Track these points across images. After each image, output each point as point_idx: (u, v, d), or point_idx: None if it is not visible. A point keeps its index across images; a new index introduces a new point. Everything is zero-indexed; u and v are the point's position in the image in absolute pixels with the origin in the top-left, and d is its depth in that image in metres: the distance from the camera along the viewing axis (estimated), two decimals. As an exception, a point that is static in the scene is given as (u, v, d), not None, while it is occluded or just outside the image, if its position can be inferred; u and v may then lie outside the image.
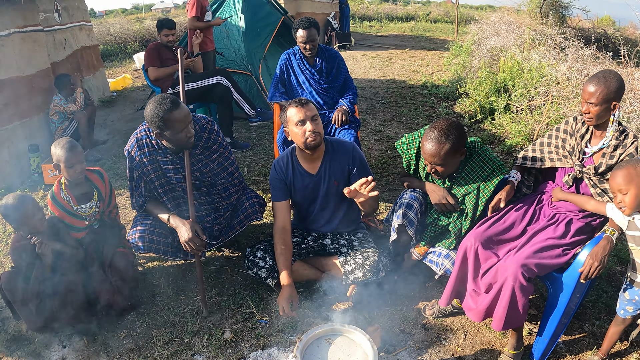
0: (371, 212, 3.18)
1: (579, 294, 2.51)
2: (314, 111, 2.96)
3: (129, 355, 2.80)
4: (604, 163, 2.61)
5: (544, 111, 6.03)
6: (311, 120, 2.91)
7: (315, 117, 2.94)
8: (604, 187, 2.65)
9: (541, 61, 7.24)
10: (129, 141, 3.24)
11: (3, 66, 5.20)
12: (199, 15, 6.29)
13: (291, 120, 2.95)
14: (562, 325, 2.57)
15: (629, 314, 2.53)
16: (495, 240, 2.68)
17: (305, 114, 2.91)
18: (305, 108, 2.93)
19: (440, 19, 24.99)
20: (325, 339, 2.50)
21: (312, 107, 2.97)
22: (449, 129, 2.74)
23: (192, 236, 3.01)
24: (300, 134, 2.93)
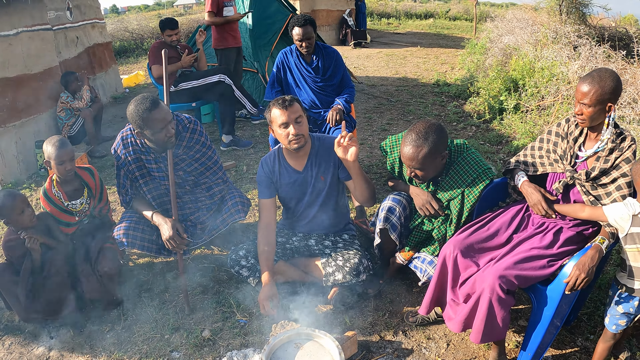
0: (364, 200, 3.02)
1: (565, 308, 2.39)
2: (298, 112, 2.88)
3: (110, 349, 2.87)
4: (598, 167, 2.45)
5: (553, 111, 5.91)
6: (295, 123, 2.86)
7: (299, 118, 2.88)
8: (597, 193, 2.48)
9: (554, 59, 7.09)
10: (115, 140, 3.28)
11: (11, 64, 5.31)
12: (214, 11, 6.20)
13: (275, 121, 2.90)
14: (547, 340, 2.43)
15: (621, 328, 2.41)
16: (477, 248, 2.56)
17: (289, 116, 2.85)
18: (289, 110, 2.85)
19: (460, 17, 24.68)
20: (294, 343, 2.47)
21: (295, 108, 2.89)
22: (427, 131, 2.61)
23: (173, 234, 3.05)
24: (283, 135, 2.90)
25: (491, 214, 2.78)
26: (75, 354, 2.86)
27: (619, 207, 2.30)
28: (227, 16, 6.24)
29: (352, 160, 2.75)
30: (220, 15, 6.24)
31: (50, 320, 3.05)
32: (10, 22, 5.27)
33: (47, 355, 2.87)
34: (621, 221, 2.29)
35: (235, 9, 6.39)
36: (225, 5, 6.25)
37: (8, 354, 2.90)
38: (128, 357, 2.80)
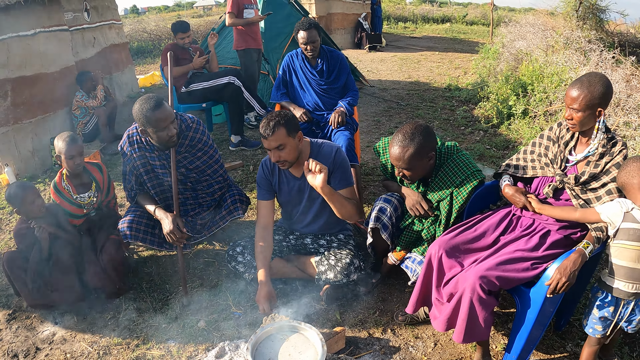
0: (347, 216, 3.05)
1: (549, 311, 2.38)
2: (279, 141, 2.84)
3: (110, 335, 3.03)
4: (587, 172, 2.45)
5: (560, 117, 5.93)
6: (275, 150, 2.87)
7: (281, 146, 2.86)
8: (587, 197, 2.48)
9: (564, 65, 7.09)
10: (122, 137, 3.42)
11: (28, 64, 5.49)
12: (235, 12, 6.28)
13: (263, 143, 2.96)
14: (530, 343, 2.43)
15: (598, 333, 2.40)
16: (463, 249, 2.58)
17: (269, 144, 2.86)
18: (269, 139, 2.84)
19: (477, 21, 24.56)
20: (281, 335, 2.57)
21: (275, 137, 2.83)
22: (413, 132, 2.68)
23: (174, 228, 3.19)
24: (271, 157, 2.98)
25: (480, 216, 2.81)
26: (77, 339, 3.02)
27: (612, 205, 2.30)
28: (247, 18, 6.32)
29: (320, 186, 2.80)
30: (240, 17, 6.33)
31: (55, 307, 3.21)
32: (28, 23, 5.46)
33: (51, 340, 3.03)
34: (613, 216, 2.28)
35: (256, 12, 6.46)
36: (245, 7, 6.34)
37: (15, 337, 3.06)
38: (126, 343, 2.95)
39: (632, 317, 2.34)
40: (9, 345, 2.99)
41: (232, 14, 6.28)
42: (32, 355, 2.91)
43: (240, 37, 6.43)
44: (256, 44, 6.56)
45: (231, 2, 6.26)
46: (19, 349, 2.95)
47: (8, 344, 3.00)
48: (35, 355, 2.91)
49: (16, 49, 5.33)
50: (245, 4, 6.32)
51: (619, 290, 2.29)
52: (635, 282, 2.25)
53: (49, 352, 2.93)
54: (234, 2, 6.24)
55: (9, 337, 3.06)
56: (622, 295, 2.29)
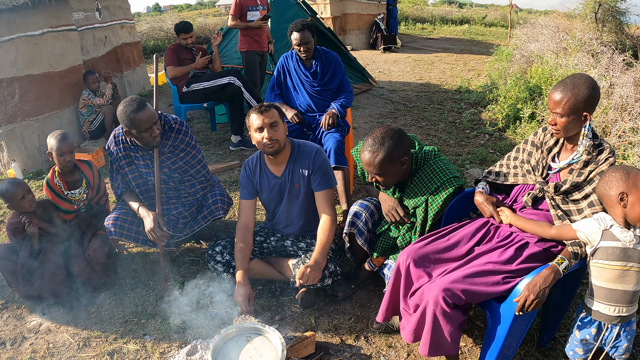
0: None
1: (521, 328, 2.28)
2: (274, 117, 2.96)
3: (92, 327, 3.14)
4: (570, 180, 2.32)
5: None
6: (269, 127, 2.94)
7: (275, 123, 2.96)
8: (567, 208, 2.36)
9: (574, 68, 6.98)
10: (110, 137, 3.49)
11: (36, 62, 5.62)
12: (237, 15, 6.32)
13: (252, 125, 3.00)
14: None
15: (578, 357, 2.29)
16: (433, 259, 2.48)
17: (264, 121, 2.93)
18: (265, 115, 2.94)
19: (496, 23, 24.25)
20: (245, 336, 2.59)
21: (272, 113, 2.97)
22: (384, 137, 2.62)
23: (154, 227, 3.26)
24: (259, 140, 2.99)
25: (456, 224, 2.70)
26: (61, 330, 3.14)
27: (589, 222, 2.18)
28: (249, 21, 6.34)
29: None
30: (244, 19, 6.36)
31: (44, 299, 3.33)
32: (36, 23, 5.58)
33: (37, 329, 3.15)
34: (591, 235, 2.15)
35: (262, 12, 6.45)
36: (249, 9, 6.35)
37: (4, 325, 3.20)
38: (105, 336, 3.05)
39: (618, 342, 2.20)
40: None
41: (234, 17, 6.33)
42: (19, 344, 3.03)
43: (242, 39, 6.47)
44: (259, 47, 6.56)
45: (234, 4, 6.30)
46: (7, 337, 3.09)
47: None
48: (22, 344, 3.03)
49: (24, 49, 5.46)
50: (249, 5, 6.34)
51: (599, 313, 2.17)
52: (616, 305, 2.12)
53: (34, 341, 3.05)
54: (236, 5, 6.28)
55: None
56: (603, 318, 2.17)
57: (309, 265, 2.87)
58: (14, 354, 2.95)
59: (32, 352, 2.95)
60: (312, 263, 2.89)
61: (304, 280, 2.81)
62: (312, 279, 2.84)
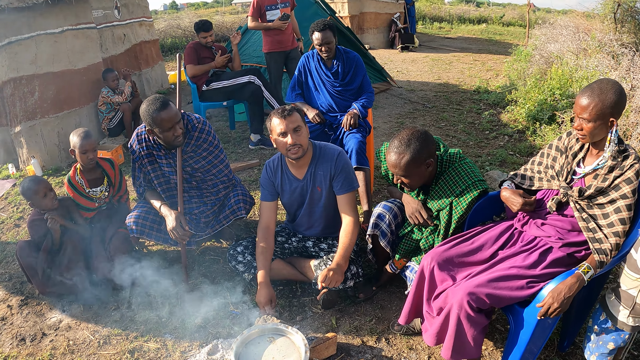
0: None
1: (544, 333, 2.26)
2: (297, 122, 2.92)
3: (112, 325, 3.15)
4: (594, 185, 2.28)
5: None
6: (293, 132, 2.90)
7: (298, 128, 2.92)
8: (593, 212, 2.32)
9: (594, 69, 6.88)
10: (132, 136, 3.49)
11: (56, 60, 5.67)
12: (255, 16, 6.26)
13: (274, 130, 2.96)
14: None
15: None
16: (457, 262, 2.47)
17: (287, 126, 2.89)
18: (287, 120, 2.89)
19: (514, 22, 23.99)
20: (268, 337, 2.58)
21: (295, 117, 2.93)
22: (409, 138, 2.60)
23: (176, 226, 3.26)
24: (282, 144, 2.96)
25: (480, 228, 2.68)
26: (81, 327, 3.15)
27: None
28: (269, 21, 6.25)
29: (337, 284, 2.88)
30: (263, 19, 6.29)
31: (64, 295, 3.35)
32: (56, 21, 5.63)
33: (57, 326, 3.17)
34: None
35: (283, 10, 6.32)
36: (267, 8, 6.26)
37: (24, 321, 3.23)
38: (126, 334, 3.05)
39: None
40: (18, 329, 3.15)
41: (253, 18, 6.27)
42: (38, 340, 3.05)
43: (265, 40, 6.41)
44: (281, 47, 6.42)
45: (252, 5, 6.25)
46: (26, 333, 3.11)
47: (17, 327, 3.17)
48: (41, 340, 3.05)
49: (44, 46, 5.51)
50: (267, 5, 6.26)
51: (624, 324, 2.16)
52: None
53: (53, 337, 3.07)
54: (254, 6, 6.22)
55: (19, 322, 3.22)
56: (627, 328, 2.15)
57: (331, 268, 2.85)
58: (34, 350, 2.97)
59: (52, 348, 2.97)
60: (334, 266, 2.87)
61: (326, 283, 2.80)
62: (335, 282, 2.83)
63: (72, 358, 2.89)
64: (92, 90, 6.31)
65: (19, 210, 4.80)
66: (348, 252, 2.97)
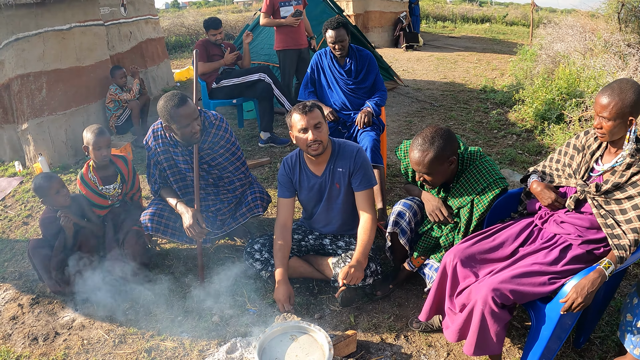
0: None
1: (565, 329, 2.28)
2: (318, 118, 2.92)
3: (127, 324, 3.11)
4: (611, 181, 2.32)
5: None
6: (314, 129, 2.89)
7: (319, 124, 2.91)
8: (610, 208, 2.34)
9: (601, 69, 6.86)
10: (148, 132, 3.47)
11: (64, 57, 5.64)
12: (268, 12, 6.21)
13: (294, 126, 2.95)
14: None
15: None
16: (479, 259, 2.50)
17: (308, 122, 2.88)
18: (309, 116, 2.88)
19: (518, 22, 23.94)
20: (290, 335, 2.56)
21: (315, 114, 2.92)
22: (433, 136, 2.61)
23: (193, 223, 3.23)
24: (302, 141, 2.95)
25: (500, 225, 2.71)
26: (95, 326, 3.11)
27: None
28: (282, 18, 6.21)
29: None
30: (277, 16, 6.24)
31: (77, 294, 3.29)
32: (64, 18, 5.60)
33: (70, 325, 3.13)
34: None
35: (296, 7, 6.27)
36: (281, 5, 6.22)
37: (36, 320, 3.18)
38: (141, 333, 3.02)
39: None
40: (30, 329, 3.11)
41: (266, 14, 6.22)
42: (51, 340, 3.01)
43: (277, 37, 6.36)
44: (295, 44, 6.39)
45: (265, 1, 6.21)
46: (39, 333, 3.07)
47: (29, 327, 3.13)
48: (54, 340, 3.01)
49: (52, 43, 5.47)
50: (281, 1, 6.23)
51: None
52: None
53: (67, 337, 3.03)
54: (268, 2, 6.18)
55: (30, 321, 3.18)
56: None
57: (352, 265, 2.84)
58: (47, 349, 2.93)
59: (65, 348, 2.93)
60: (354, 263, 2.86)
61: (347, 280, 2.79)
62: (356, 279, 2.82)
63: (87, 357, 2.85)
64: (100, 87, 6.28)
65: (27, 208, 4.77)
66: (367, 249, 2.96)
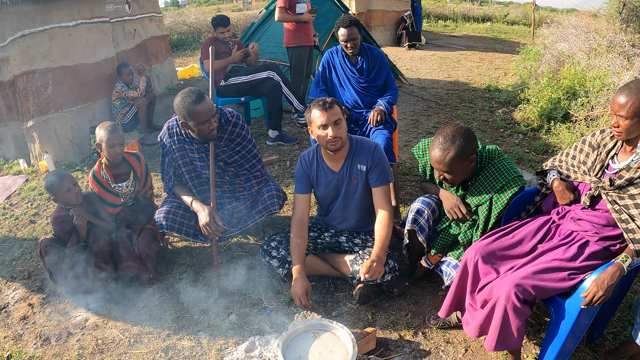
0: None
1: (584, 323, 2.32)
2: (337, 115, 2.94)
3: (142, 323, 3.07)
4: (625, 177, 2.36)
5: (601, 123, 5.74)
6: (333, 125, 2.92)
7: (339, 121, 2.94)
8: (624, 203, 2.37)
9: (606, 69, 6.86)
10: (162, 129, 3.45)
11: (70, 54, 5.62)
12: (286, 6, 6.10)
13: (314, 122, 2.98)
14: (563, 356, 2.38)
15: None
16: (499, 256, 2.54)
17: (328, 118, 2.90)
18: (329, 112, 2.91)
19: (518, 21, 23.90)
20: (312, 333, 2.56)
21: (335, 110, 2.94)
22: (454, 135, 2.64)
23: (209, 221, 3.20)
24: (322, 137, 2.97)
25: (518, 222, 2.75)
26: (109, 325, 3.08)
27: None
28: (299, 14, 6.12)
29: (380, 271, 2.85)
30: (292, 12, 6.15)
31: (90, 293, 3.26)
32: (70, 14, 5.57)
33: (83, 325, 3.10)
34: None
35: (308, 5, 6.23)
36: (298, 1, 6.15)
37: (47, 320, 3.15)
38: (157, 332, 2.99)
39: None
40: (41, 329, 3.07)
41: (283, 9, 6.08)
42: (64, 340, 2.98)
43: (292, 33, 6.25)
44: (308, 41, 6.36)
45: None
46: (51, 333, 3.03)
47: (41, 327, 3.09)
48: (67, 340, 2.98)
49: (58, 40, 5.45)
50: None
51: None
52: None
53: (80, 337, 2.99)
54: None
55: (42, 321, 3.14)
56: None
57: (372, 260, 2.84)
58: (60, 350, 2.89)
59: (79, 348, 2.89)
60: (375, 258, 2.86)
61: (369, 274, 2.78)
62: (377, 274, 2.81)
63: (102, 358, 2.82)
64: (106, 84, 6.26)
65: (34, 206, 4.74)
66: (386, 245, 2.96)
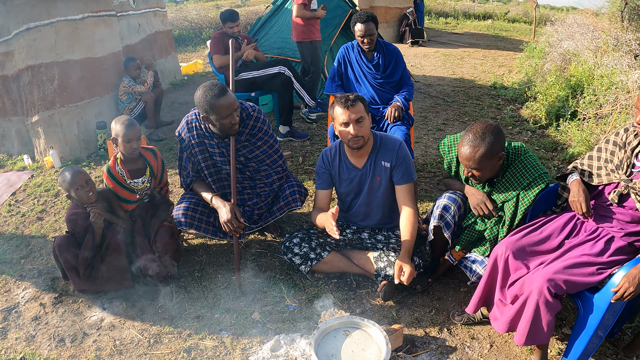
0: None
1: (610, 318, 2.35)
2: (360, 113, 2.92)
3: (161, 323, 3.00)
4: None
5: (610, 121, 5.72)
6: (355, 123, 2.90)
7: (361, 119, 2.92)
8: None
9: (613, 67, 6.84)
10: (181, 123, 3.40)
11: (76, 47, 5.52)
12: (306, 2, 6.20)
13: (336, 119, 2.97)
14: (589, 350, 2.40)
15: None
16: (529, 251, 2.56)
17: (350, 116, 2.90)
18: (350, 110, 2.90)
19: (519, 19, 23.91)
20: (343, 331, 2.54)
21: (358, 108, 2.92)
22: (484, 132, 2.64)
23: (231, 217, 3.14)
24: (344, 134, 2.97)
25: (544, 218, 2.76)
26: (126, 325, 3.00)
27: None
28: (314, 10, 6.27)
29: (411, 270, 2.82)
30: (308, 8, 6.26)
31: (103, 292, 3.20)
32: (76, 7, 5.48)
33: (99, 325, 3.01)
34: None
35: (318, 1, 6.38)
36: None
37: (61, 321, 3.05)
38: (178, 332, 2.92)
39: None
40: (55, 330, 2.98)
41: (303, 6, 6.20)
42: (80, 341, 2.89)
43: (306, 28, 6.33)
44: (318, 35, 6.50)
45: None
46: (65, 334, 2.94)
47: (54, 327, 3.00)
48: (83, 341, 2.89)
49: (65, 33, 5.36)
50: None
51: None
52: None
53: (97, 338, 2.91)
54: None
55: (55, 321, 3.05)
56: None
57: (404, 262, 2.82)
58: (76, 351, 2.80)
59: (96, 349, 2.81)
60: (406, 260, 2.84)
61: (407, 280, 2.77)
62: (412, 276, 2.80)
63: (121, 359, 2.74)
64: (113, 79, 6.17)
65: (40, 202, 4.63)
66: (412, 244, 2.95)
